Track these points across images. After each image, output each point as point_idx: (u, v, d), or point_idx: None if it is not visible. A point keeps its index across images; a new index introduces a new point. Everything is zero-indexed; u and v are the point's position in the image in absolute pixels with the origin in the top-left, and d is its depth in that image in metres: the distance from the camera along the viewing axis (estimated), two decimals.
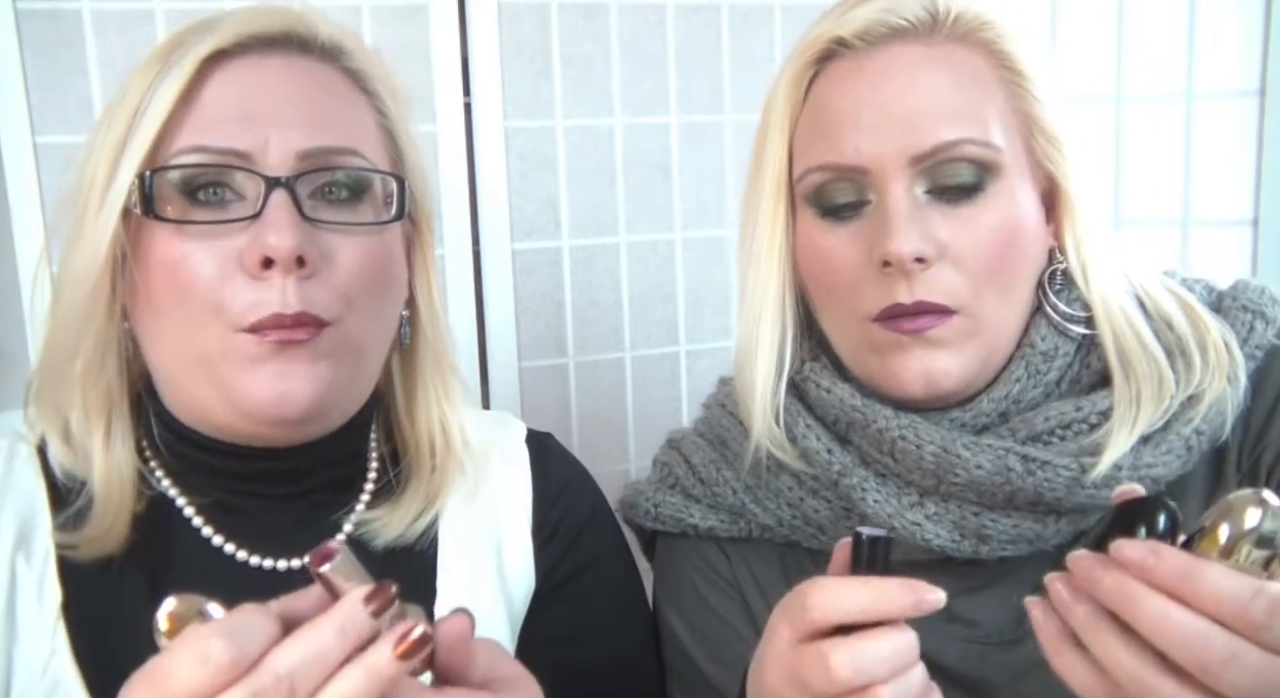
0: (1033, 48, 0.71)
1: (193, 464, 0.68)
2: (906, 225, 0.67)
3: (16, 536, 0.65)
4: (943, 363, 0.69)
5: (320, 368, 0.63)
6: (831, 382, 0.75)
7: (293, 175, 0.62)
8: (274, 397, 0.62)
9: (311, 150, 0.64)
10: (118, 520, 0.65)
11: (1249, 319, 0.72)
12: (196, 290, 0.62)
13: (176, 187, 0.62)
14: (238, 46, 0.64)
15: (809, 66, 0.74)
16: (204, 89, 0.63)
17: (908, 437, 0.70)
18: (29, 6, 1.16)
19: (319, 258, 0.63)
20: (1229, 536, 0.49)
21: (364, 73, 0.70)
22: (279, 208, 0.61)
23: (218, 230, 0.62)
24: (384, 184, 0.68)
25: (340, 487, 0.73)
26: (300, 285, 0.61)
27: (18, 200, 1.17)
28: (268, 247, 0.60)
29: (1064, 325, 0.72)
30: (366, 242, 0.66)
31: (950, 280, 0.68)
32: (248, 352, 0.62)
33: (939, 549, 0.70)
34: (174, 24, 1.19)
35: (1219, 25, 1.35)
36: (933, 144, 0.67)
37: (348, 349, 0.65)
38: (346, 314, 0.64)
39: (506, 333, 1.36)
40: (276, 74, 0.65)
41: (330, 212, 0.65)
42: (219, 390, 0.63)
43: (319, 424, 0.68)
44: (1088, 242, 0.72)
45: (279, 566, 0.70)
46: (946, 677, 0.71)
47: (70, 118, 1.18)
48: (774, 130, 0.75)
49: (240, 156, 0.62)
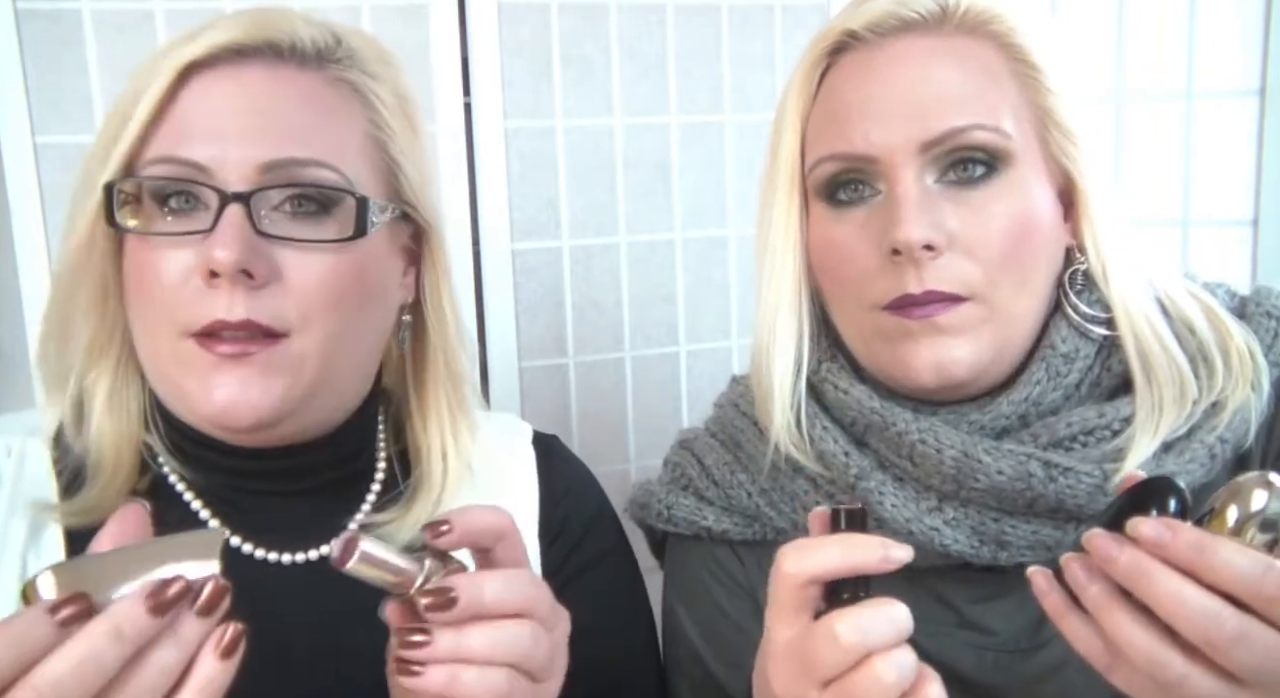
0: (1048, 42, 0.71)
1: (191, 456, 0.69)
2: (916, 213, 0.66)
3: (29, 530, 0.66)
4: (954, 351, 0.68)
5: (275, 381, 0.64)
6: (849, 383, 0.74)
7: (250, 189, 0.63)
8: (220, 406, 0.63)
9: (274, 163, 0.64)
10: (113, 485, 0.66)
11: (1274, 326, 0.71)
12: (156, 295, 0.64)
13: (149, 194, 0.64)
14: (211, 57, 0.65)
15: (821, 59, 0.74)
16: (178, 101, 0.64)
17: (928, 440, 0.69)
18: (29, 6, 1.16)
19: (269, 272, 0.63)
20: (1237, 517, 0.50)
21: (354, 81, 0.69)
22: (229, 222, 0.62)
23: (179, 240, 0.63)
24: (353, 199, 0.67)
25: (346, 483, 0.73)
26: (247, 295, 0.62)
27: (18, 200, 1.17)
28: (213, 260, 0.61)
29: (1085, 327, 0.71)
30: (330, 257, 0.65)
31: (962, 269, 0.67)
32: (195, 361, 0.63)
33: (957, 555, 0.70)
34: (174, 24, 1.20)
35: (1219, 25, 1.35)
36: (942, 130, 0.67)
37: (305, 363, 0.65)
38: (304, 328, 0.64)
39: (506, 333, 1.36)
40: (251, 86, 0.65)
41: (292, 225, 0.64)
42: (178, 394, 0.65)
43: (289, 428, 0.68)
44: (1107, 241, 0.71)
45: (283, 559, 0.70)
46: (961, 684, 0.71)
47: (70, 118, 1.18)
48: (787, 124, 0.75)
49: (200, 169, 0.63)
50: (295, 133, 0.65)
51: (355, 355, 0.70)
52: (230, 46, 0.65)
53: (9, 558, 0.64)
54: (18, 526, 0.66)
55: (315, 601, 0.69)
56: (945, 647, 0.72)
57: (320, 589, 0.69)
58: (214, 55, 0.65)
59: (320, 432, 0.70)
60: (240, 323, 0.62)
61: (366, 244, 0.67)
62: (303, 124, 0.66)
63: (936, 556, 0.71)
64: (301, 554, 0.70)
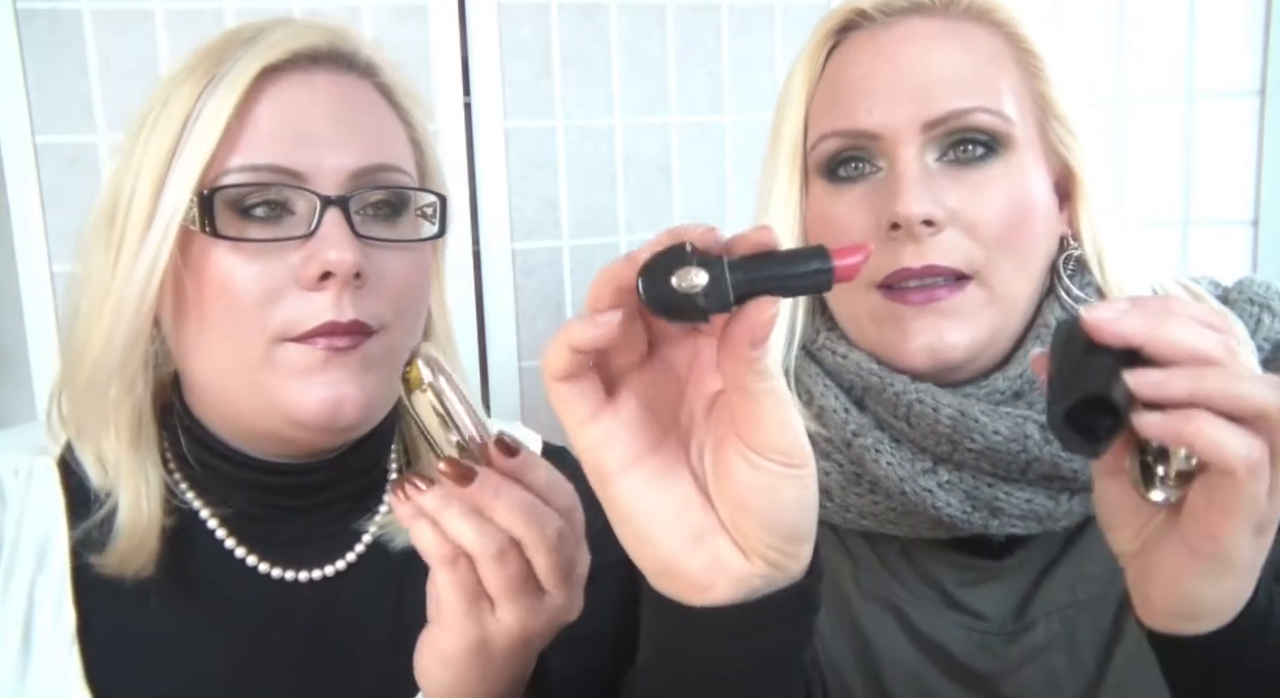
0: (1047, 35, 0.72)
1: (217, 475, 0.68)
2: (916, 188, 0.67)
3: (36, 560, 0.65)
4: (952, 335, 0.68)
5: (368, 376, 0.64)
6: (848, 348, 0.75)
7: (345, 194, 0.63)
8: (327, 405, 0.63)
9: (362, 169, 0.65)
10: (148, 536, 0.65)
11: (1256, 312, 0.72)
12: (248, 304, 0.62)
13: (229, 203, 0.63)
14: (287, 62, 0.65)
15: (828, 38, 0.75)
16: (256, 106, 0.63)
17: (925, 400, 0.69)
18: (29, 6, 1.16)
19: (371, 272, 0.64)
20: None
21: (393, 87, 0.71)
22: (334, 226, 0.62)
23: (272, 247, 0.63)
24: (418, 199, 0.69)
25: (361, 495, 0.73)
26: (354, 296, 0.63)
27: (18, 200, 1.17)
28: (328, 262, 0.61)
29: (1076, 309, 0.72)
30: (410, 255, 0.67)
31: (962, 246, 0.68)
32: (297, 362, 0.62)
33: (948, 519, 0.69)
34: (174, 24, 1.20)
35: (1219, 25, 1.35)
36: (945, 110, 0.68)
37: (389, 358, 0.66)
38: (393, 324, 0.66)
39: (506, 333, 1.36)
40: (324, 92, 0.66)
41: (376, 227, 0.66)
42: (267, 401, 0.64)
43: (360, 431, 0.69)
44: (1102, 229, 0.72)
45: (300, 577, 0.69)
46: (949, 664, 0.72)
47: (70, 118, 1.18)
48: (791, 101, 0.76)
49: (294, 176, 0.63)
50: (372, 138, 0.66)
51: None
52: (306, 52, 0.65)
53: (16, 584, 0.64)
54: (25, 550, 0.65)
55: (329, 618, 0.69)
56: (937, 626, 0.73)
57: (334, 607, 0.69)
58: (290, 60, 0.65)
59: (348, 441, 0.70)
60: (351, 323, 0.62)
61: (428, 244, 0.70)
62: (374, 129, 0.67)
63: (927, 524, 0.71)
64: (318, 571, 0.70)
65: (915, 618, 0.74)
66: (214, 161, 0.62)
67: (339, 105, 0.66)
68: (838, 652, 0.75)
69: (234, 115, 0.62)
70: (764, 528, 0.46)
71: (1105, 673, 0.70)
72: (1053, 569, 0.73)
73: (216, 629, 0.66)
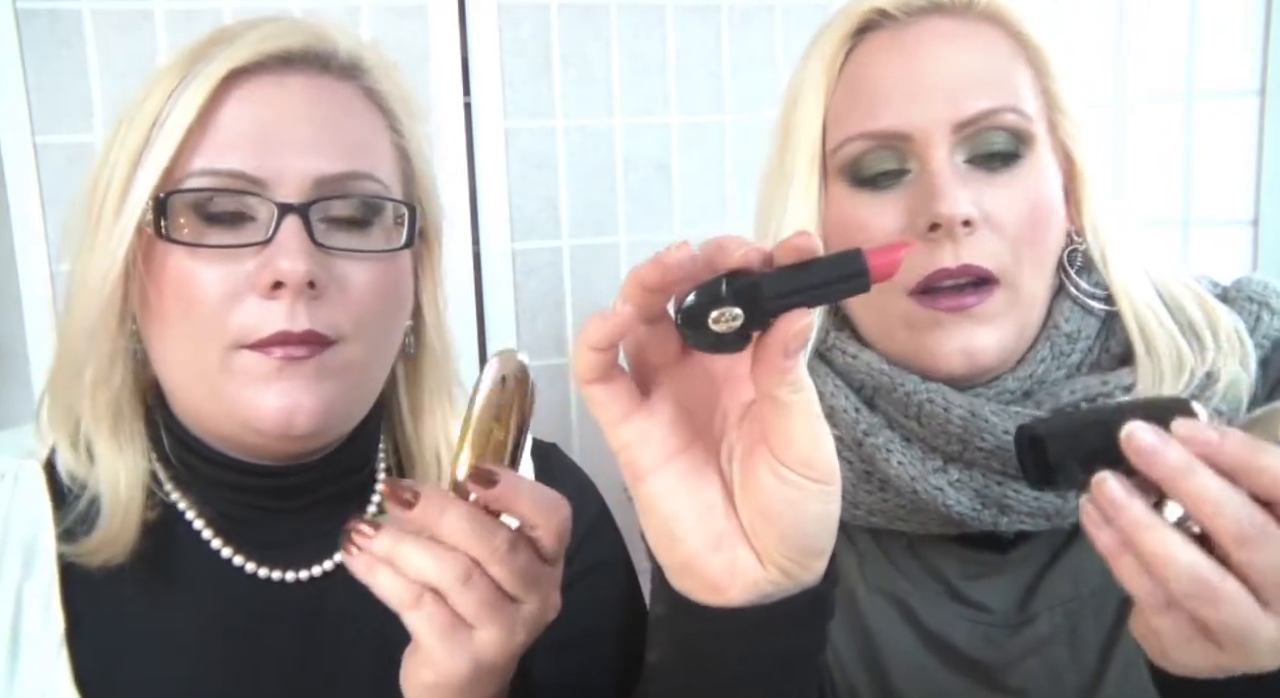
0: (1048, 32, 0.73)
1: (200, 475, 0.68)
2: (956, 187, 0.67)
3: (23, 563, 0.65)
4: (983, 339, 0.69)
5: (325, 386, 0.63)
6: (858, 349, 0.75)
7: (306, 202, 0.62)
8: (282, 414, 0.62)
9: (329, 176, 0.63)
10: (126, 524, 0.65)
11: (1255, 309, 0.72)
12: (204, 308, 0.62)
13: (190, 206, 0.62)
14: (256, 64, 0.63)
15: (846, 40, 0.74)
16: (222, 108, 0.62)
17: (935, 400, 0.69)
18: (29, 6, 1.16)
19: (329, 281, 0.63)
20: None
21: (381, 92, 0.69)
22: (291, 234, 0.61)
23: (229, 253, 0.62)
24: (395, 209, 0.68)
25: (348, 497, 0.73)
26: (309, 306, 0.62)
27: (18, 200, 1.17)
28: (280, 271, 0.60)
29: (1087, 303, 0.72)
30: (377, 266, 0.66)
31: (993, 246, 0.68)
32: (252, 370, 0.62)
33: (958, 517, 0.70)
34: (174, 24, 1.20)
35: (1219, 25, 1.35)
36: (974, 111, 0.68)
37: (351, 369, 0.65)
38: (353, 335, 0.65)
39: (506, 333, 1.36)
40: (296, 94, 0.64)
41: (342, 236, 0.64)
42: (225, 406, 0.63)
43: (321, 439, 0.68)
44: (1106, 224, 0.73)
45: (289, 577, 0.69)
46: (953, 656, 0.73)
47: (70, 118, 1.18)
48: (807, 104, 0.74)
49: (254, 182, 0.62)
50: (344, 144, 0.65)
51: (384, 364, 0.70)
52: (278, 54, 0.64)
53: (3, 586, 0.63)
54: (12, 552, 0.64)
55: (317, 619, 0.69)
56: (942, 619, 0.73)
57: (322, 607, 0.69)
58: (260, 62, 0.64)
59: (325, 446, 0.70)
60: (303, 334, 0.61)
61: (402, 254, 0.68)
62: (349, 136, 0.66)
63: (936, 521, 0.71)
64: (305, 572, 0.69)
65: (920, 611, 0.74)
66: (177, 164, 0.62)
67: (311, 109, 0.64)
68: (842, 645, 0.75)
69: (198, 118, 0.61)
70: (783, 540, 0.47)
71: (1107, 666, 0.70)
72: (1056, 563, 0.73)
73: (205, 630, 0.66)
